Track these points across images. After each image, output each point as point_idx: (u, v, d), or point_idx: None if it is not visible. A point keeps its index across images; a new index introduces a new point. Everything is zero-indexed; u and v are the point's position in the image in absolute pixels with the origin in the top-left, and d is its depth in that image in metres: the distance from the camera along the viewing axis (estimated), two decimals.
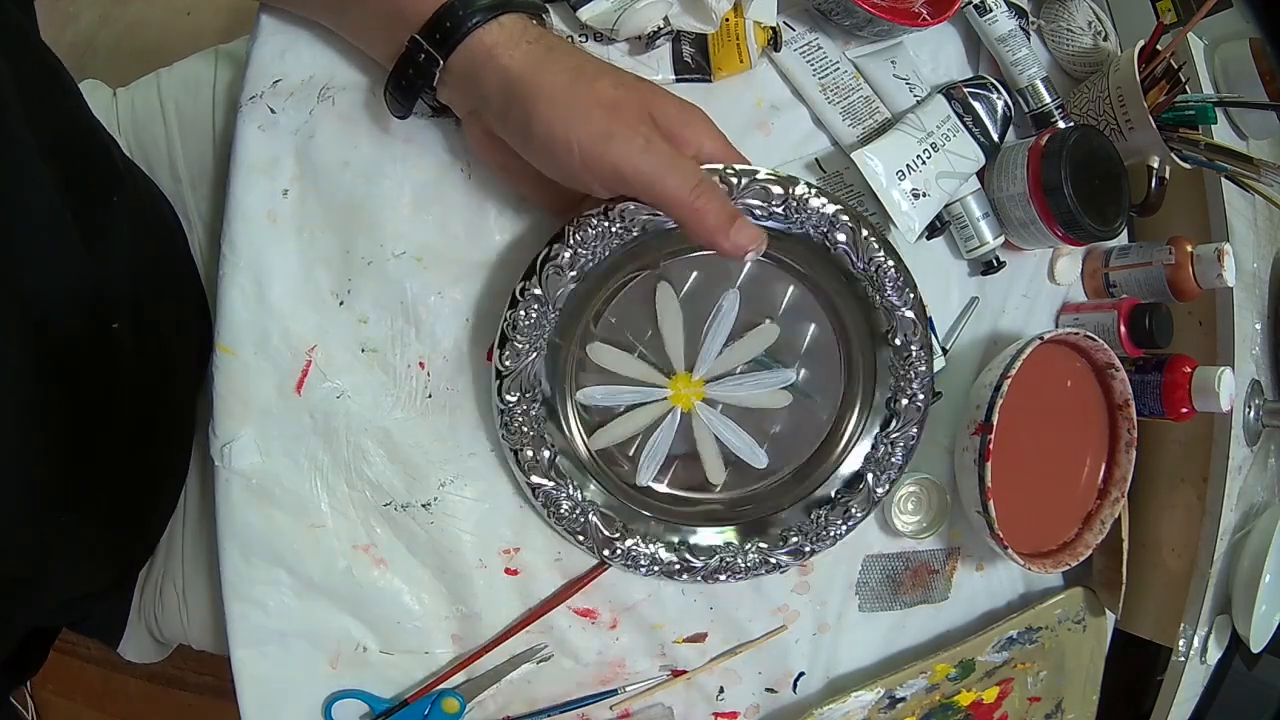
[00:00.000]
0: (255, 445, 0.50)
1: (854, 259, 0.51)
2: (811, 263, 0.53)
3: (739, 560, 0.54)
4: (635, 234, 0.47)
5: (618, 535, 0.52)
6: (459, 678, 0.53)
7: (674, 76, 0.55)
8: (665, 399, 0.53)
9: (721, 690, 0.58)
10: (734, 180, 0.47)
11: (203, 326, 0.50)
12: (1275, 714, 0.73)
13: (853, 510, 0.54)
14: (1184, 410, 0.64)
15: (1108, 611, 0.70)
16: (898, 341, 0.53)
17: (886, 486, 0.55)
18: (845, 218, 0.50)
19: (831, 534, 0.54)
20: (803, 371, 0.55)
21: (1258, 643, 0.70)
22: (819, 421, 0.56)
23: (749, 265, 0.53)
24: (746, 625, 0.58)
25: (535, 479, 0.50)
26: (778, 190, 0.48)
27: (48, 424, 0.44)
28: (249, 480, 0.49)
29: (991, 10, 0.62)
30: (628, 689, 0.56)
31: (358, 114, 0.50)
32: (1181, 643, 0.68)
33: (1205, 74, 0.71)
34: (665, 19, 0.52)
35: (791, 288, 0.54)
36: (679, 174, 0.43)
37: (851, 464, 0.55)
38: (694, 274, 0.53)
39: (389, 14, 0.45)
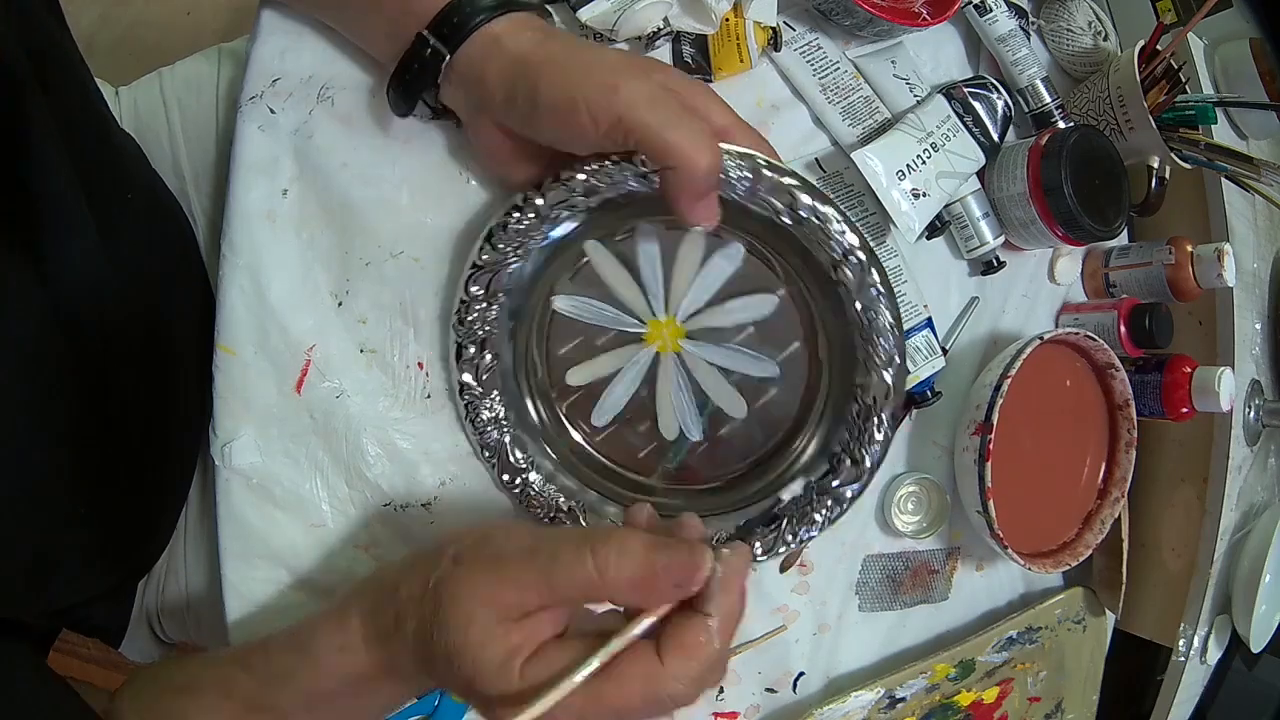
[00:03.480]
0: (255, 445, 0.50)
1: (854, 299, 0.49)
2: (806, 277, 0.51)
3: None
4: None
5: (525, 467, 0.51)
6: None
7: None
8: (642, 338, 0.52)
9: (721, 690, 0.58)
10: (767, 174, 0.46)
11: (209, 325, 0.50)
12: (1275, 714, 0.73)
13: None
14: (1184, 410, 0.64)
15: (1108, 611, 0.70)
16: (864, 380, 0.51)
17: (786, 541, 0.52)
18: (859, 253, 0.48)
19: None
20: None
21: (1258, 643, 0.70)
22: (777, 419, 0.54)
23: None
24: (746, 625, 0.58)
25: (466, 378, 0.50)
26: (804, 199, 0.47)
27: (63, 413, 0.45)
28: (249, 480, 0.49)
29: (991, 10, 0.62)
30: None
31: (357, 114, 0.50)
32: (1181, 643, 0.68)
33: (1205, 74, 0.71)
34: (665, 20, 0.52)
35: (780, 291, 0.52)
36: (684, 129, 0.41)
37: (783, 492, 0.53)
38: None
39: (393, 10, 0.45)
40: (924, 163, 0.57)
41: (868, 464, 0.52)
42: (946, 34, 0.66)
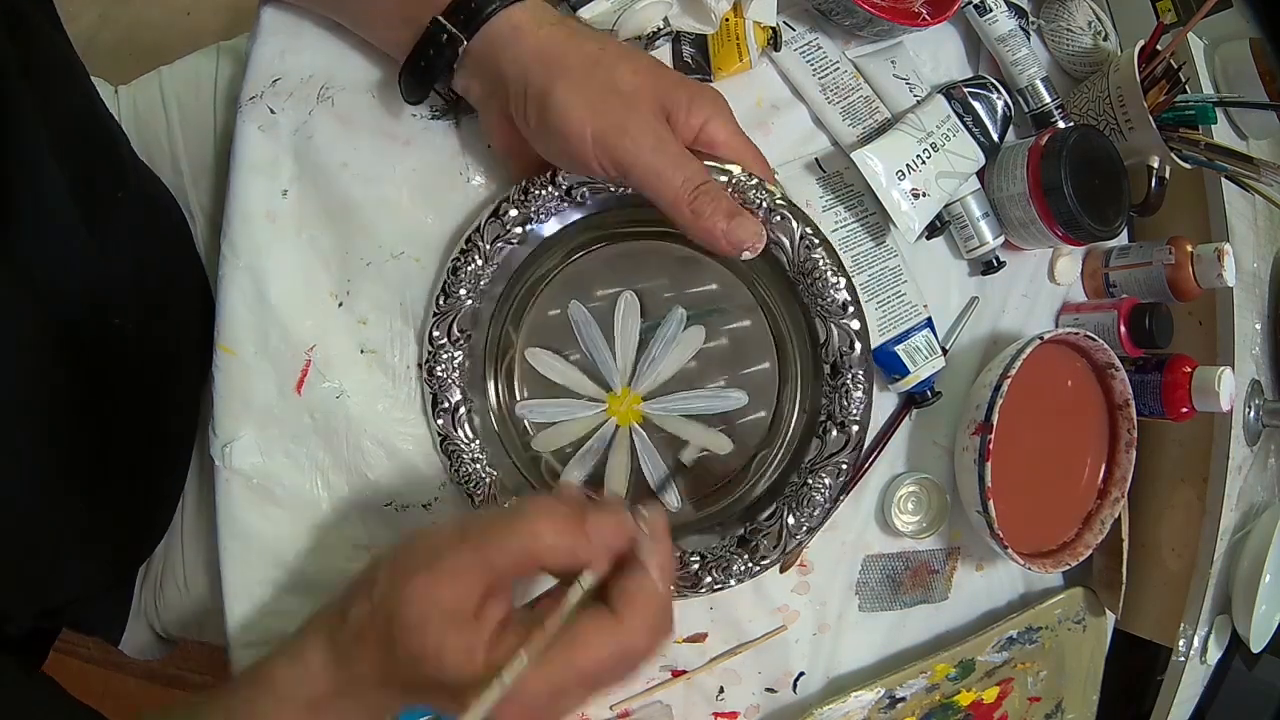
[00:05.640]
0: (256, 445, 0.50)
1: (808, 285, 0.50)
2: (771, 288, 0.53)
3: None
4: (587, 205, 0.49)
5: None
6: None
7: None
8: (603, 412, 0.54)
9: (721, 690, 0.58)
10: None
11: (206, 324, 0.50)
12: (1275, 714, 0.73)
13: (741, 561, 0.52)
14: (1184, 410, 0.64)
15: (1108, 611, 0.70)
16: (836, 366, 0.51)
17: (767, 556, 0.52)
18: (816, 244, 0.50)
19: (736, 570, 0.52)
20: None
21: (1258, 643, 0.70)
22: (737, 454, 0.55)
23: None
24: (746, 625, 0.58)
25: (442, 423, 0.50)
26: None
27: (58, 413, 0.45)
28: (250, 480, 0.49)
29: (991, 10, 0.62)
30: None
31: (357, 115, 0.50)
32: (1181, 643, 0.68)
33: (1205, 74, 0.71)
34: (665, 19, 0.52)
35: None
36: (681, 176, 0.43)
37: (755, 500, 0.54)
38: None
39: None
40: (924, 163, 0.57)
41: (854, 429, 0.52)
42: (946, 34, 0.66)
